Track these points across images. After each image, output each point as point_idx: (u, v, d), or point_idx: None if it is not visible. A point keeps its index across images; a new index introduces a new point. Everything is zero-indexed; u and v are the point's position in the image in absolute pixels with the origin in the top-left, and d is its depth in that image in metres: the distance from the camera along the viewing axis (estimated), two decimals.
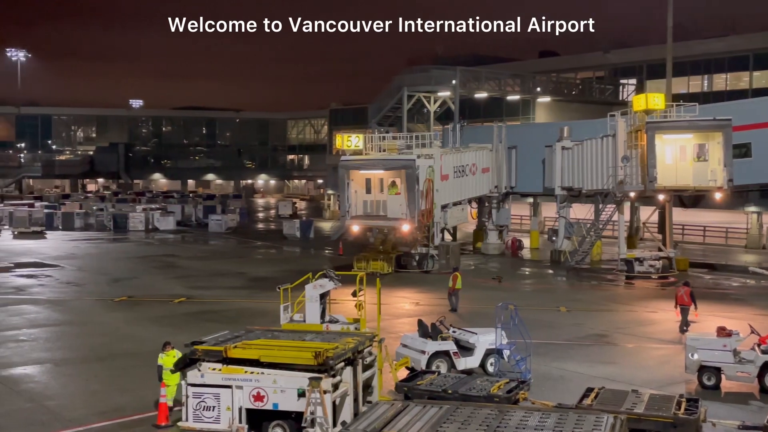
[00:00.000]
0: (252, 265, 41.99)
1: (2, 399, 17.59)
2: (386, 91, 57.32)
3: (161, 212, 65.54)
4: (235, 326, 18.39)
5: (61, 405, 17.23)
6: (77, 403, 17.23)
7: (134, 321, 26.58)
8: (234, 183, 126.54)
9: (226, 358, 14.46)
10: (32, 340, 23.64)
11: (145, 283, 35.14)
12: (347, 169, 37.73)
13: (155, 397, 16.42)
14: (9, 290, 32.74)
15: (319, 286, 19.60)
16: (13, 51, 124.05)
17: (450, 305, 28.32)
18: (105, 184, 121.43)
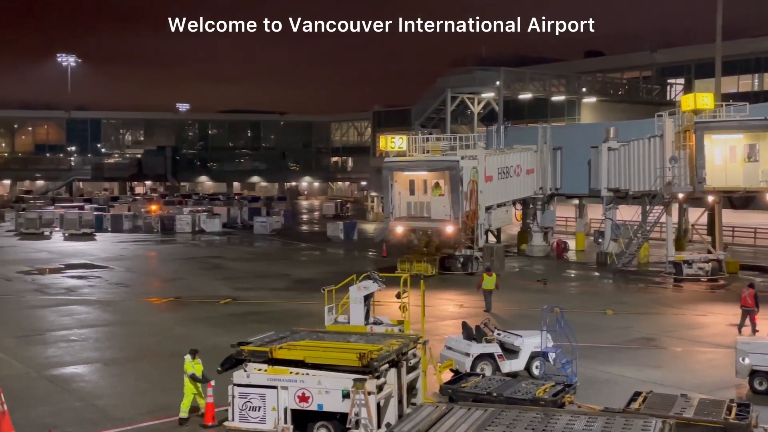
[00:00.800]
0: (296, 267, 42.26)
1: (54, 398, 17.96)
2: (430, 93, 57.29)
3: (207, 214, 66.33)
4: (280, 327, 18.52)
5: (110, 404, 17.54)
6: (126, 402, 17.52)
7: (181, 321, 26.94)
8: (278, 185, 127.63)
9: (271, 359, 14.58)
10: (82, 340, 24.10)
11: (191, 284, 35.60)
12: (391, 171, 37.77)
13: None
14: (60, 291, 33.43)
15: (363, 287, 19.64)
16: (64, 56, 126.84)
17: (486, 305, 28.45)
18: (153, 186, 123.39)
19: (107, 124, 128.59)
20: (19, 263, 42.07)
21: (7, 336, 24.28)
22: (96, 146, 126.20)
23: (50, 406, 17.25)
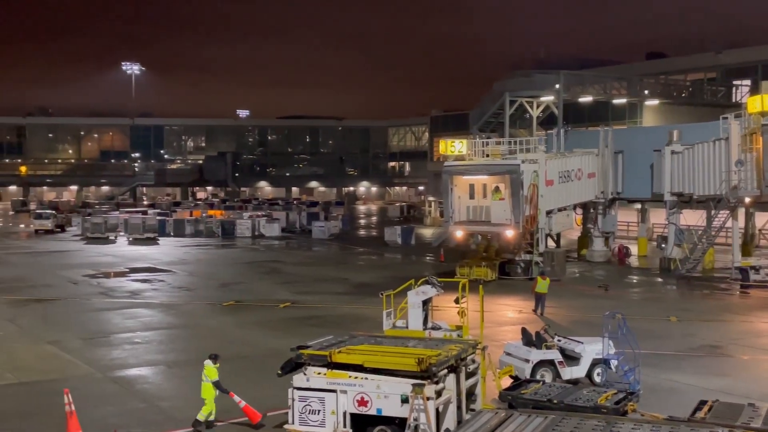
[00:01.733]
0: (354, 271, 42.44)
1: (118, 399, 18.34)
2: (488, 97, 56.94)
3: (267, 219, 67.12)
4: (338, 331, 18.60)
5: (174, 406, 17.84)
6: (189, 404, 17.76)
7: (242, 325, 27.28)
8: (336, 190, 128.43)
9: (330, 363, 14.63)
10: (146, 343, 24.58)
11: (252, 288, 36.04)
12: (451, 175, 37.68)
13: (263, 399, 16.78)
14: (124, 294, 34.19)
15: (421, 292, 19.61)
16: (128, 65, 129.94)
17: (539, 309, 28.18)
18: (213, 191, 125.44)
19: (170, 131, 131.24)
20: (85, 267, 43.17)
21: (74, 338, 24.91)
22: (159, 152, 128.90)
23: (115, 407, 17.63)
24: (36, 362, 21.83)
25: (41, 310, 29.96)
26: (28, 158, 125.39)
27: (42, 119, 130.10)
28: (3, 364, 21.28)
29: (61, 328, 26.37)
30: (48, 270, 41.89)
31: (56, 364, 21.72)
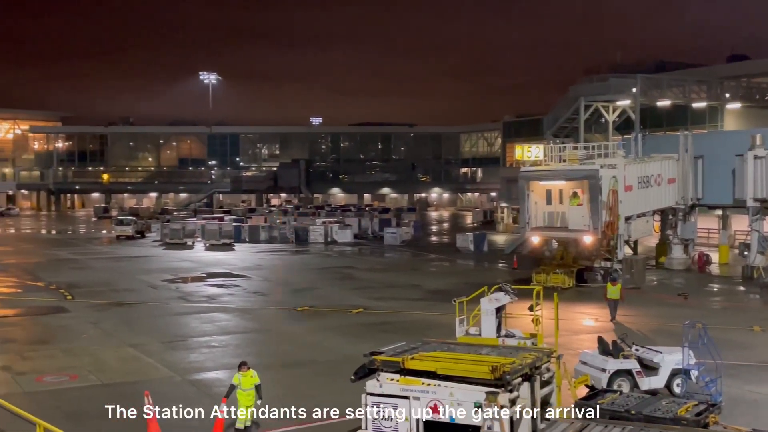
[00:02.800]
0: (426, 278, 42.38)
1: (196, 401, 18.68)
2: (562, 102, 56.16)
3: (339, 225, 67.63)
4: (410, 338, 18.57)
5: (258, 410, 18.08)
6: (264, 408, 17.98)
7: (315, 330, 27.55)
8: (408, 196, 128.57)
9: (403, 369, 14.62)
10: (223, 347, 25.06)
11: (325, 294, 36.37)
12: (527, 180, 37.32)
13: (335, 405, 16.89)
14: (202, 299, 34.93)
15: (494, 299, 19.43)
16: (205, 75, 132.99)
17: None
18: (287, 198, 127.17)
19: (245, 139, 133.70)
20: (164, 272, 44.30)
21: (154, 341, 25.57)
22: (235, 160, 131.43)
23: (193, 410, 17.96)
24: (118, 364, 22.49)
25: (123, 314, 30.86)
26: (110, 166, 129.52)
27: (123, 128, 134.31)
28: (87, 366, 22.00)
29: (141, 332, 27.11)
30: (129, 275, 43.15)
31: (137, 366, 22.34)
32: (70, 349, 24.23)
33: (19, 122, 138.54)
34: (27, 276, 42.53)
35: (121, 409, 17.64)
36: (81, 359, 22.90)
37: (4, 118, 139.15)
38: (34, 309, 32.00)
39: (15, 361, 22.67)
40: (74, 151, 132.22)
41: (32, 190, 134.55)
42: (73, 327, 28.00)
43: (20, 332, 27.71)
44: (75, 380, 20.57)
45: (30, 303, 33.48)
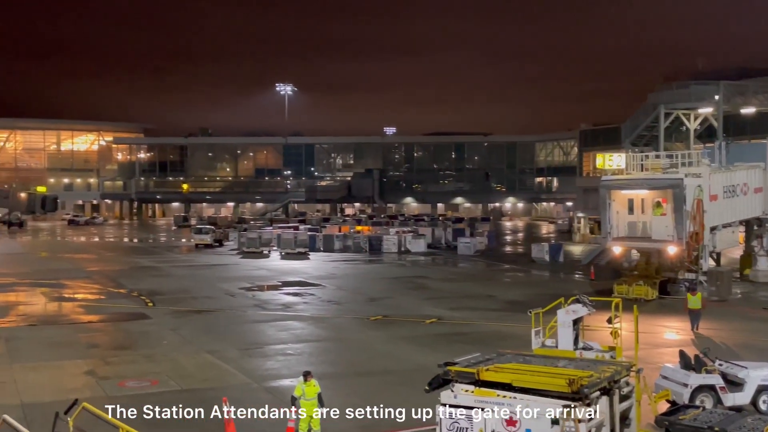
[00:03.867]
0: (501, 288, 41.99)
1: (272, 408, 18.90)
2: (641, 110, 55.04)
3: (413, 235, 67.66)
4: (484, 349, 18.41)
5: (324, 417, 18.20)
6: (339, 416, 18.10)
7: (389, 339, 27.58)
8: (482, 206, 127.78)
9: (478, 381, 14.50)
10: (298, 354, 25.32)
11: (398, 303, 36.40)
12: (609, 189, 36.70)
13: (408, 415, 16.84)
14: (277, 307, 35.40)
15: (571, 311, 19.11)
16: (281, 86, 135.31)
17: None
18: (361, 208, 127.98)
19: (320, 149, 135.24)
20: (241, 280, 45.09)
21: (231, 348, 26.02)
22: (309, 170, 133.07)
23: (268, 416, 18.20)
24: (196, 370, 22.96)
25: (201, 321, 31.52)
26: (189, 176, 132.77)
27: (202, 139, 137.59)
28: (167, 372, 22.53)
29: (219, 339, 27.63)
30: (207, 282, 44.08)
31: (215, 372, 22.76)
32: (151, 355, 24.86)
33: (104, 134, 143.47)
34: (110, 283, 43.90)
35: (199, 415, 18.04)
36: (161, 365, 23.47)
37: (89, 130, 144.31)
38: (117, 315, 32.99)
39: (99, 366, 23.38)
40: (155, 161, 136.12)
41: (115, 199, 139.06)
42: (154, 333, 28.74)
43: (104, 338, 28.60)
44: (156, 385, 21.09)
45: (113, 309, 34.53)
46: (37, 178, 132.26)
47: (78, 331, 29.23)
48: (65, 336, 28.22)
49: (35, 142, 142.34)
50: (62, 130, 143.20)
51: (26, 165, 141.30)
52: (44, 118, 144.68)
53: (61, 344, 26.61)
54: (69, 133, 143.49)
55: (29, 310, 35.07)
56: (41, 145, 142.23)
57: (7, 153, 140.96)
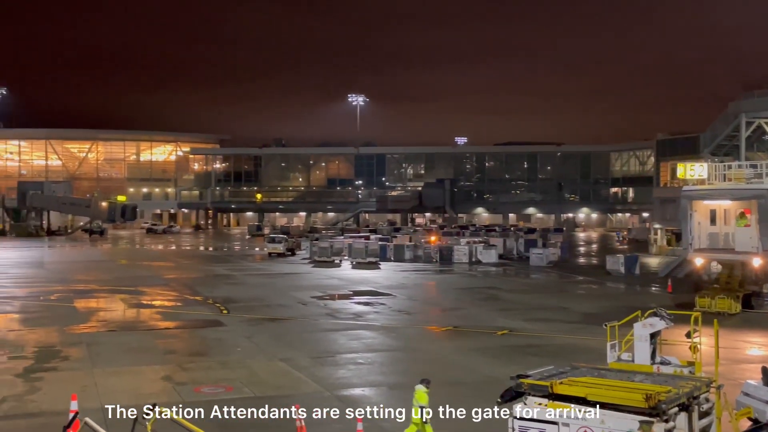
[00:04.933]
0: (574, 300, 41.32)
1: (344, 417, 18.99)
2: (720, 119, 53.62)
3: (484, 245, 67.22)
4: (557, 361, 18.14)
5: (396, 426, 18.20)
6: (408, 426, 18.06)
7: (460, 350, 27.42)
8: (554, 217, 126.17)
9: (552, 394, 14.30)
10: (369, 364, 25.40)
11: (469, 314, 36.17)
12: (691, 200, 35.85)
13: (479, 428, 16.69)
14: (349, 316, 35.61)
15: (649, 324, 18.63)
16: (353, 96, 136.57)
17: None
18: (432, 217, 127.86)
19: (391, 159, 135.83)
20: (312, 289, 45.54)
21: (304, 356, 26.28)
22: (381, 180, 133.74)
23: (341, 425, 18.32)
24: (270, 378, 23.26)
25: (275, 329, 31.95)
26: (263, 186, 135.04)
27: (276, 150, 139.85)
28: (241, 379, 22.89)
29: (292, 346, 27.94)
30: (280, 291, 44.67)
31: (288, 380, 23.02)
32: (226, 362, 25.30)
33: (181, 144, 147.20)
34: (186, 290, 44.90)
35: (272, 422, 18.27)
36: (236, 371, 23.85)
37: (167, 141, 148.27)
38: (193, 322, 33.70)
39: (175, 372, 23.91)
40: (230, 171, 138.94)
41: (192, 208, 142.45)
42: (229, 340, 29.24)
43: (180, 344, 29.25)
44: (230, 392, 21.44)
45: (189, 316, 35.29)
46: (118, 188, 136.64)
47: (155, 337, 29.98)
48: (143, 342, 28.97)
49: (116, 152, 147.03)
50: (141, 141, 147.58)
51: (107, 175, 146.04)
52: (124, 130, 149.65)
53: (140, 350, 27.33)
54: (148, 144, 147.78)
55: (109, 316, 36.14)
56: (121, 155, 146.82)
57: (89, 163, 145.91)
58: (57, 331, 30.85)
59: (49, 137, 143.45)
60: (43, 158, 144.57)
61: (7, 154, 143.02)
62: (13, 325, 33.23)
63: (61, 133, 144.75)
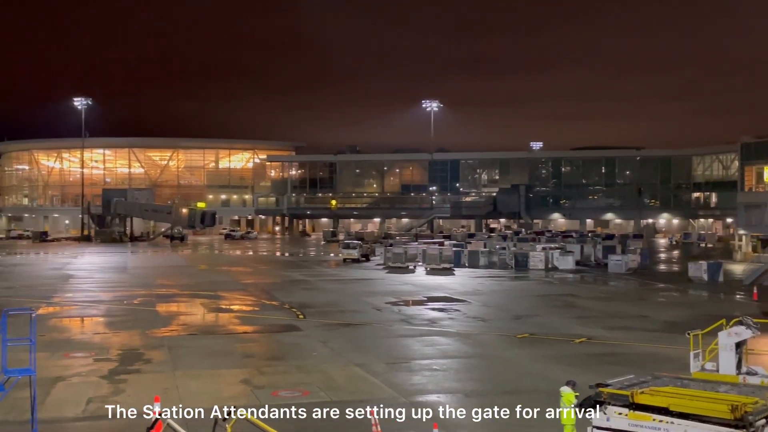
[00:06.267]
0: (655, 308, 40.31)
1: (419, 423, 18.95)
2: None
3: (560, 251, 66.24)
4: (638, 371, 17.74)
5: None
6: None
7: (536, 358, 27.06)
8: (634, 222, 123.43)
9: (632, 403, 14.00)
10: (444, 370, 25.30)
11: (545, 322, 35.67)
12: None
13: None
14: (423, 322, 35.56)
15: (734, 333, 18.06)
16: (427, 102, 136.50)
17: None
18: (506, 223, 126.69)
19: (465, 164, 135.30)
20: (387, 294, 45.67)
21: (378, 361, 26.36)
22: (455, 185, 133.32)
23: (417, 431, 18.30)
24: (345, 383, 23.42)
25: (350, 334, 32.15)
26: (337, 192, 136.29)
27: (350, 156, 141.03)
28: (318, 383, 23.12)
29: (366, 352, 28.06)
30: (355, 296, 44.95)
31: (363, 385, 23.13)
32: (302, 366, 25.59)
33: (258, 152, 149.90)
34: (264, 295, 45.63)
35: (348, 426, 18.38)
36: (312, 376, 24.11)
37: (245, 149, 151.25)
38: (270, 326, 34.22)
39: (254, 375, 24.31)
40: (306, 178, 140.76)
41: (268, 215, 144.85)
42: (305, 345, 29.57)
43: (258, 348, 29.73)
44: (307, 396, 21.68)
45: (266, 321, 35.85)
46: (197, 195, 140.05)
47: (234, 341, 30.55)
48: (222, 345, 29.55)
49: (195, 160, 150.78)
50: (220, 149, 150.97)
51: (187, 182, 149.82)
52: (204, 138, 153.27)
53: (219, 353, 27.90)
54: (226, 151, 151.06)
55: (189, 320, 37.01)
56: (201, 163, 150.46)
57: (170, 171, 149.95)
58: (140, 335, 31.78)
59: (132, 146, 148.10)
60: (127, 166, 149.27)
61: (93, 163, 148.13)
62: (99, 328, 34.35)
63: (144, 142, 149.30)
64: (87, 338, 31.37)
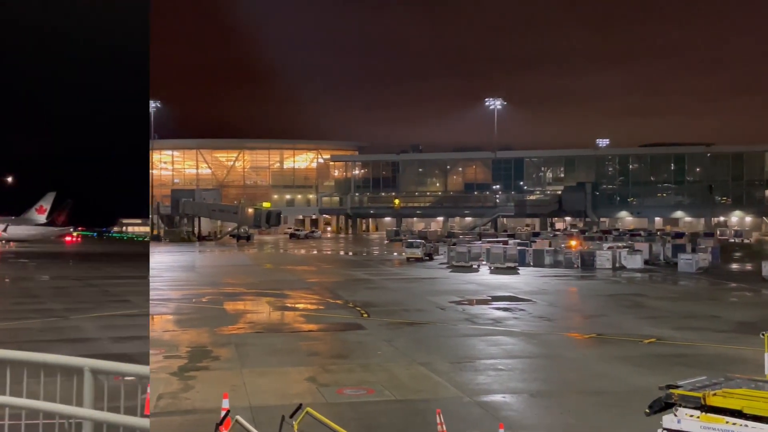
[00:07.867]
0: (727, 308, 39.27)
1: (484, 423, 18.82)
2: None
3: (628, 250, 65.04)
4: (710, 372, 17.31)
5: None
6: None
7: (604, 359, 26.62)
8: (704, 220, 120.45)
9: (704, 406, 13.66)
10: (509, 370, 25.09)
11: (613, 321, 35.08)
12: None
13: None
14: (487, 321, 35.33)
15: None
16: (491, 100, 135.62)
17: None
18: (572, 222, 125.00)
19: (529, 163, 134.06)
20: (450, 293, 45.53)
21: (443, 360, 26.30)
22: (519, 184, 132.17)
23: (482, 430, 18.20)
24: (410, 381, 23.43)
25: (414, 333, 32.15)
26: (400, 191, 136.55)
27: (413, 155, 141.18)
28: (382, 382, 23.18)
29: (431, 351, 28.02)
30: (418, 295, 44.95)
31: (427, 384, 23.11)
32: (367, 365, 25.69)
33: (322, 152, 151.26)
34: (328, 294, 46.00)
35: (414, 426, 18.40)
36: (376, 375, 24.18)
37: (309, 149, 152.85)
38: (335, 325, 34.47)
39: (319, 373, 24.52)
40: (369, 177, 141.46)
41: (332, 214, 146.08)
42: (369, 344, 29.69)
43: (323, 346, 29.98)
44: (371, 394, 21.75)
45: (331, 319, 36.13)
46: (263, 195, 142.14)
47: (299, 339, 30.86)
48: (288, 343, 29.89)
49: (261, 160, 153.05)
50: (285, 149, 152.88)
51: (253, 182, 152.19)
52: (269, 139, 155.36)
53: (284, 351, 28.22)
54: (291, 152, 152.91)
55: (256, 318, 37.55)
56: (266, 163, 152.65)
57: (237, 171, 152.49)
58: (208, 332, 32.37)
59: (199, 147, 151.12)
60: (194, 167, 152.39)
61: (162, 164, 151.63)
62: (168, 325, 35.13)
63: (211, 143, 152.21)
64: (157, 335, 32.10)
